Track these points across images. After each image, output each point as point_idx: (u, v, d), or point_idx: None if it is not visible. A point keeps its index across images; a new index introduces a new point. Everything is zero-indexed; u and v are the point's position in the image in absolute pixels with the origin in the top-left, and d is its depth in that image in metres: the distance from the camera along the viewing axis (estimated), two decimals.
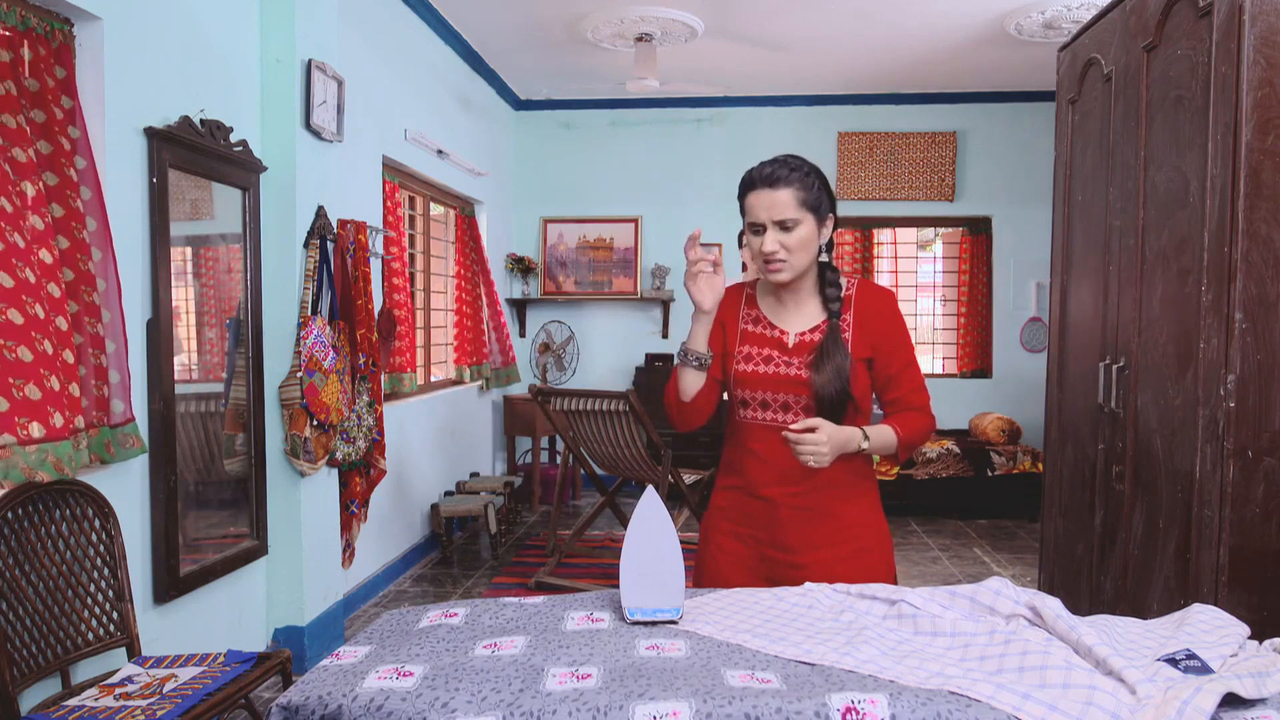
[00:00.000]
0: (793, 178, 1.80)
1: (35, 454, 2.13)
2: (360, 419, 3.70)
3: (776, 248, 1.80)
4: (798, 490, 1.88)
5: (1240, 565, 1.89)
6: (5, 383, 2.07)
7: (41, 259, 2.18)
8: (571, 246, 6.96)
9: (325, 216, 3.43)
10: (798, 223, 1.80)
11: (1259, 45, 1.84)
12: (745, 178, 1.85)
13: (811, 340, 1.88)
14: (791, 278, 1.85)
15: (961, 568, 4.84)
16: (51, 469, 2.15)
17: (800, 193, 1.79)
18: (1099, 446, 2.52)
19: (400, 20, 4.65)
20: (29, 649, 2.11)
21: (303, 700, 1.27)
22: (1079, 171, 2.74)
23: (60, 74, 2.32)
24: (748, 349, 1.93)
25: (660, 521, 1.58)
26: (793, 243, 1.80)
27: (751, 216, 1.83)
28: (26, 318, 2.11)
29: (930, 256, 7.21)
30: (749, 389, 1.91)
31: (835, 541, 1.88)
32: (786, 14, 4.95)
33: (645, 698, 1.20)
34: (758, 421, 1.90)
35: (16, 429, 2.07)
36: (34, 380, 2.12)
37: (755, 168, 1.85)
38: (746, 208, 1.84)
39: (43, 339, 2.15)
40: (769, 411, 1.89)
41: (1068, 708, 1.16)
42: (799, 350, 1.88)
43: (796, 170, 1.81)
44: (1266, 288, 1.86)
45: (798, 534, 1.89)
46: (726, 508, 1.99)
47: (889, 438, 1.84)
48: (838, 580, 1.74)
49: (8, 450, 2.06)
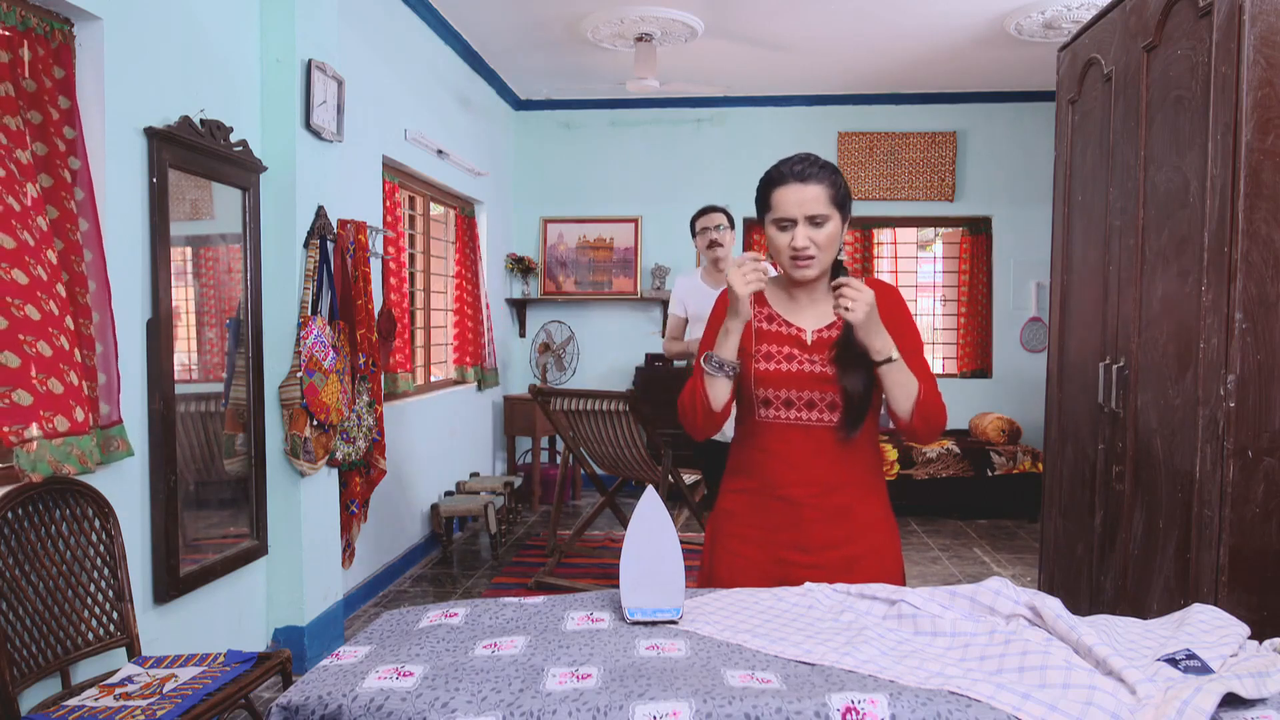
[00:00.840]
0: (822, 175, 1.80)
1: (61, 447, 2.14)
2: (360, 419, 3.70)
3: (807, 243, 1.80)
4: (820, 489, 1.87)
5: (1240, 565, 1.89)
6: (27, 377, 2.08)
7: (48, 259, 2.19)
8: (571, 246, 6.96)
9: (325, 216, 3.43)
10: (827, 219, 1.80)
11: (1259, 45, 1.84)
12: (772, 174, 1.84)
13: (830, 337, 1.87)
14: (818, 274, 1.84)
15: (961, 568, 4.84)
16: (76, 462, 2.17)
17: (829, 190, 1.80)
18: (1099, 446, 2.52)
19: (400, 20, 4.65)
20: (29, 649, 2.11)
21: (303, 700, 1.27)
22: (1079, 171, 2.74)
23: (59, 74, 2.32)
24: (766, 347, 1.91)
25: (660, 521, 1.58)
26: (822, 239, 1.80)
27: (781, 212, 1.81)
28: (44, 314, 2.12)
29: (930, 256, 7.21)
30: (771, 388, 1.88)
31: (852, 540, 1.88)
32: (786, 14, 4.95)
33: (645, 698, 1.20)
34: (780, 421, 1.88)
35: (43, 423, 2.09)
36: (55, 375, 2.13)
37: (783, 163, 1.84)
38: (775, 203, 1.82)
39: (59, 334, 2.16)
40: (793, 410, 1.87)
41: (1068, 708, 1.16)
42: (818, 347, 1.87)
43: (825, 168, 1.82)
44: (1266, 288, 1.86)
45: (819, 534, 1.87)
46: (736, 511, 1.96)
47: (912, 380, 1.81)
48: (853, 579, 1.74)
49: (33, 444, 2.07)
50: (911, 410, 1.82)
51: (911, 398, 1.81)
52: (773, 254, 1.88)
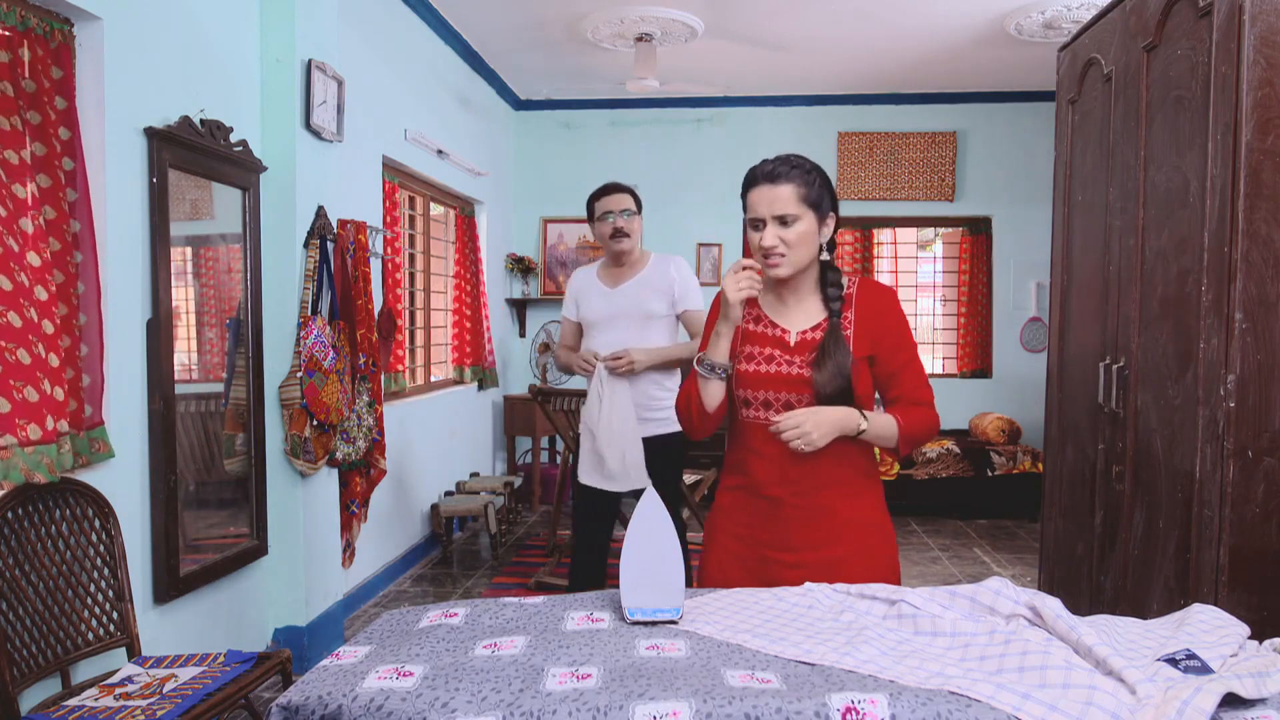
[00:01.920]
0: (793, 174, 1.83)
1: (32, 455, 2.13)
2: (360, 419, 3.70)
3: (776, 242, 1.83)
4: (801, 489, 1.88)
5: (1240, 565, 1.89)
6: (6, 385, 2.07)
7: (29, 262, 2.18)
8: (571, 246, 6.95)
9: (325, 216, 3.43)
10: (796, 218, 1.82)
11: (1259, 45, 1.84)
12: (748, 175, 1.89)
13: (813, 339, 1.89)
14: (790, 273, 1.86)
15: (961, 568, 4.84)
16: (45, 471, 2.16)
17: (800, 189, 1.82)
18: (1099, 446, 2.52)
19: (400, 20, 4.65)
20: (29, 649, 2.11)
21: (303, 700, 1.27)
22: (1079, 171, 2.74)
23: (57, 74, 2.32)
24: (750, 348, 1.93)
25: (660, 521, 1.58)
26: (791, 238, 1.82)
27: (753, 212, 1.86)
28: (24, 321, 2.11)
29: (930, 256, 7.21)
30: (751, 388, 1.90)
31: (837, 541, 1.88)
32: (787, 14, 4.95)
33: (645, 698, 1.20)
34: (760, 421, 1.90)
35: (17, 430, 2.08)
36: (31, 383, 2.12)
37: (757, 165, 1.88)
38: (748, 204, 1.87)
39: (38, 342, 2.15)
40: (771, 411, 1.88)
41: (1068, 708, 1.16)
42: (800, 349, 1.89)
43: (798, 168, 1.84)
44: (1266, 288, 1.86)
45: (800, 533, 1.88)
46: (729, 508, 2.00)
47: (889, 427, 1.85)
48: (839, 580, 1.74)
49: (8, 451, 2.06)
50: (897, 447, 1.88)
51: (894, 440, 1.87)
52: (752, 253, 1.91)
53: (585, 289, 3.28)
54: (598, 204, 3.24)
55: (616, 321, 3.17)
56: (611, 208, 3.20)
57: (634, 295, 3.19)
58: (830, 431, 1.78)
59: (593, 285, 3.27)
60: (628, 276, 3.23)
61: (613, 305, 3.20)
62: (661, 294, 3.18)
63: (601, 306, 3.21)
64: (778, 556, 1.90)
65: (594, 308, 3.22)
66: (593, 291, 3.25)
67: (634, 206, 3.24)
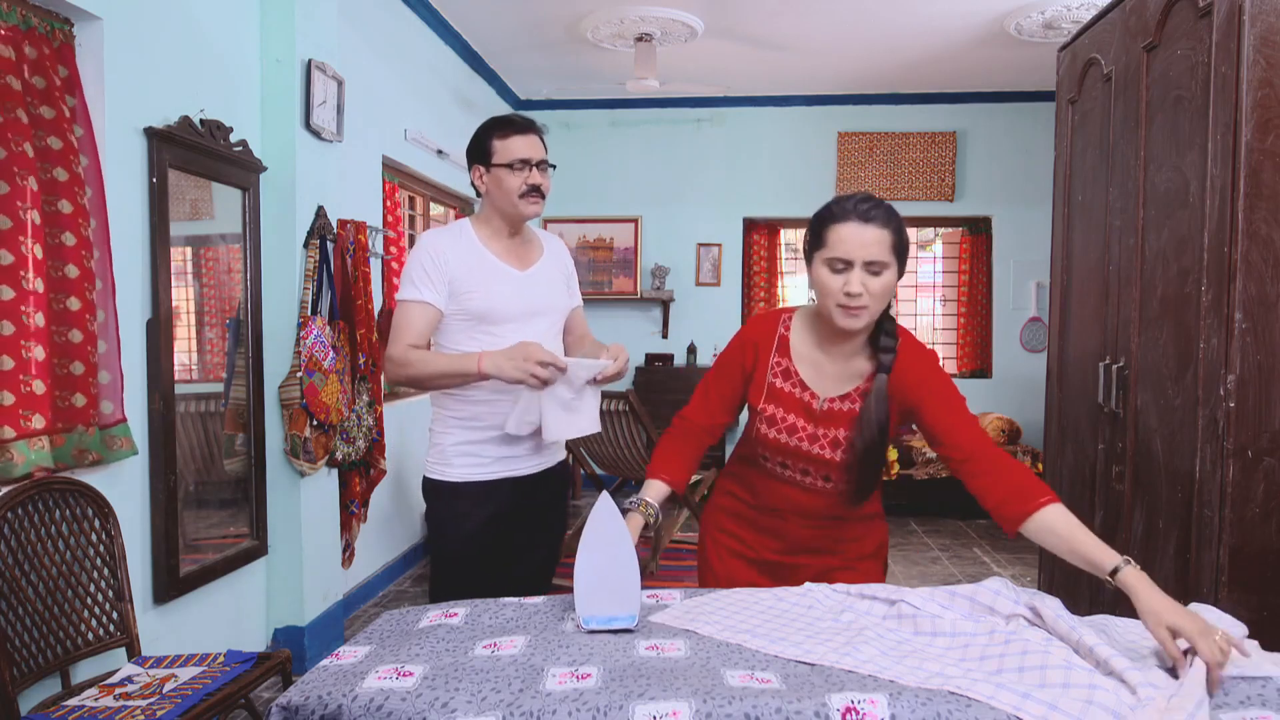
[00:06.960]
0: (889, 219, 1.64)
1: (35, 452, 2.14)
2: (360, 419, 3.70)
3: (862, 290, 1.62)
4: (813, 519, 1.90)
5: (1240, 565, 1.89)
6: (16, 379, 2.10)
7: (34, 254, 2.19)
8: (571, 246, 6.95)
9: (325, 216, 3.43)
10: (885, 266, 1.63)
11: (1259, 45, 1.84)
12: (833, 208, 1.67)
13: (842, 410, 1.75)
14: (866, 325, 1.68)
15: (961, 568, 4.83)
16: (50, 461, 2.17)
17: (892, 236, 1.65)
18: (1099, 446, 2.52)
19: (400, 20, 4.64)
20: (29, 649, 2.11)
21: (303, 700, 1.27)
22: (1079, 171, 2.74)
23: (63, 73, 2.32)
24: (772, 410, 1.80)
25: (615, 528, 1.57)
26: (877, 288, 1.63)
27: (840, 251, 1.63)
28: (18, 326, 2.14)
29: (930, 256, 7.21)
30: (769, 452, 1.85)
31: (839, 548, 1.93)
32: (787, 14, 4.95)
33: (645, 698, 1.20)
34: (778, 475, 1.89)
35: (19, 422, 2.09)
36: (41, 376, 2.14)
37: (845, 198, 1.66)
38: (832, 240, 1.64)
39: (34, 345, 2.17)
40: (789, 471, 1.87)
41: (1068, 707, 1.16)
42: (825, 420, 1.77)
43: (891, 213, 1.66)
44: (1266, 288, 1.86)
45: (804, 543, 1.92)
46: (729, 507, 2.00)
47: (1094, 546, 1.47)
48: (834, 581, 1.76)
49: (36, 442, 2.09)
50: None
51: (1091, 536, 1.51)
52: (817, 296, 1.70)
53: (474, 266, 2.10)
54: (506, 143, 2.10)
55: (534, 320, 2.15)
56: (529, 155, 2.09)
57: (547, 283, 2.23)
58: None
59: (488, 262, 2.12)
60: (534, 256, 2.22)
61: (527, 297, 2.15)
62: (565, 283, 2.32)
63: (512, 296, 2.12)
64: (780, 560, 1.94)
65: (501, 296, 2.11)
66: (492, 272, 2.12)
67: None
